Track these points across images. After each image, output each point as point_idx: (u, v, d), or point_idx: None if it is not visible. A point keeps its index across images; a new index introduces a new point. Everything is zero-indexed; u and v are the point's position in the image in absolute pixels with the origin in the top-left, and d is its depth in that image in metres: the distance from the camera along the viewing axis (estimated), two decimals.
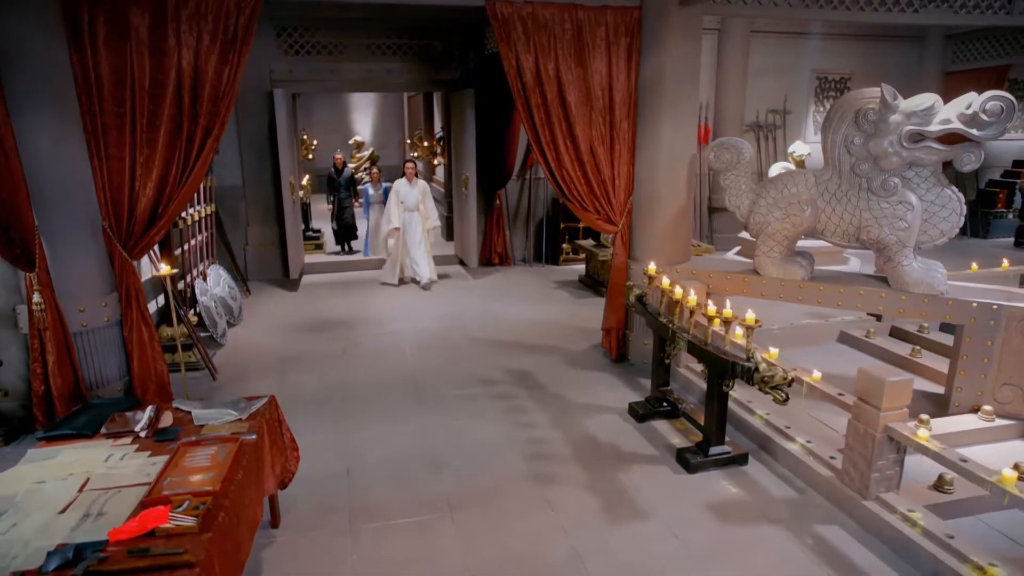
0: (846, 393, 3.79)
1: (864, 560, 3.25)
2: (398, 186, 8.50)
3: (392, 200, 8.50)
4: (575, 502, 3.78)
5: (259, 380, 5.62)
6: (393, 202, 8.49)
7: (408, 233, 8.63)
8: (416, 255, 8.61)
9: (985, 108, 4.19)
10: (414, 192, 8.51)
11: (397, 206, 8.48)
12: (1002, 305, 4.34)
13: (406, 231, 8.61)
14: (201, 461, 2.79)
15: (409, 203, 8.50)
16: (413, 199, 8.50)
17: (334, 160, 10.86)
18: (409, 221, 8.61)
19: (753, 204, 5.12)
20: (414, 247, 8.62)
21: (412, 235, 8.61)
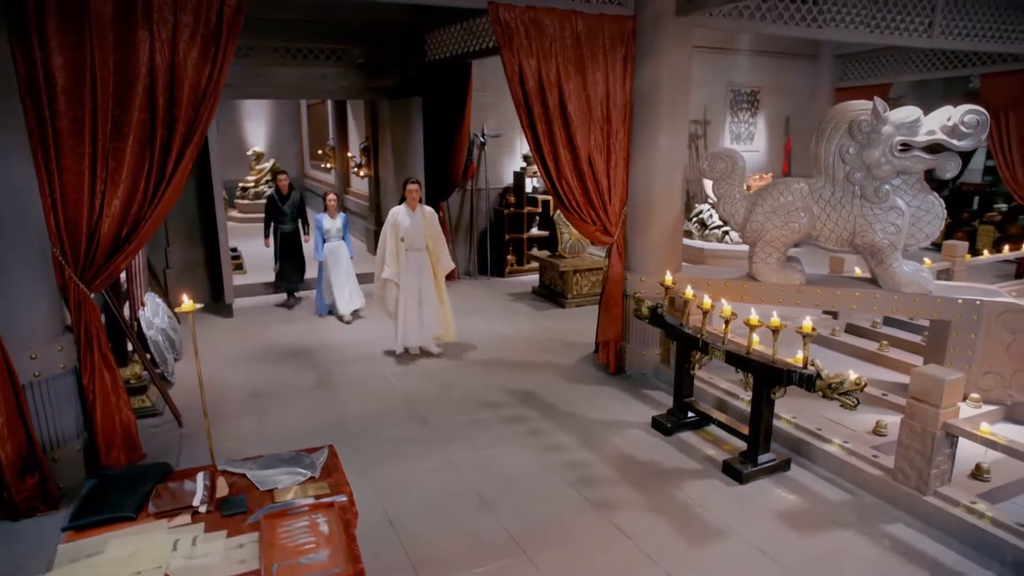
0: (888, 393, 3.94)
1: (943, 555, 3.37)
2: (397, 217, 6.09)
3: (388, 237, 6.08)
4: (646, 526, 3.62)
5: (235, 423, 4.94)
6: (389, 239, 6.07)
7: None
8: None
9: (963, 120, 4.54)
10: (418, 223, 6.09)
11: (396, 244, 6.07)
12: (984, 301, 4.72)
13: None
14: (302, 537, 2.33)
15: (414, 239, 6.07)
16: (420, 233, 6.10)
17: (277, 181, 8.11)
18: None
19: (749, 213, 5.24)
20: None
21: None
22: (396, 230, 6.07)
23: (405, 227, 6.06)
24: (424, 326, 6.24)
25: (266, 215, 8.08)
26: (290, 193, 8.05)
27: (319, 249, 7.49)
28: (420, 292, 6.18)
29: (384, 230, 6.12)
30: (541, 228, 9.74)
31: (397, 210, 6.17)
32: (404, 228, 6.05)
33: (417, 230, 6.09)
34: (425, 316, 6.23)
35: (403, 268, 6.10)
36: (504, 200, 9.54)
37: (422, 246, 6.13)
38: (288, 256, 8.08)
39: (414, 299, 6.17)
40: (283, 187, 7.99)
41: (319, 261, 7.53)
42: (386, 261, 6.09)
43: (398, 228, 6.07)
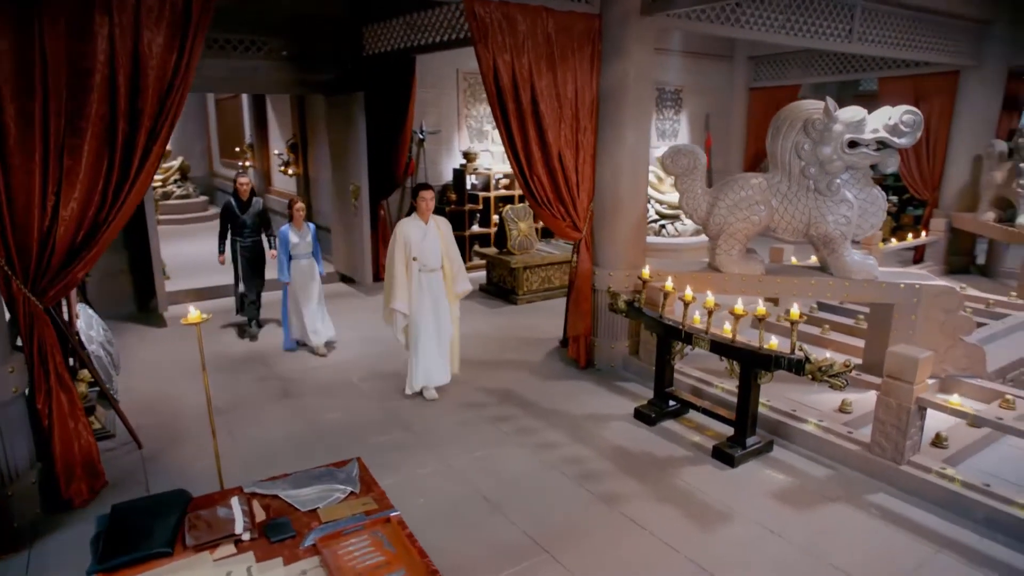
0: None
1: (923, 518, 3.67)
2: (407, 232, 5.00)
3: (396, 257, 4.99)
4: (656, 515, 3.70)
5: (203, 441, 4.56)
6: (398, 260, 4.99)
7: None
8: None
9: (902, 120, 4.94)
10: (432, 238, 5.11)
11: (406, 265, 5.02)
12: (922, 285, 5.18)
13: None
14: (368, 557, 2.20)
15: (429, 257, 5.10)
16: (435, 250, 5.13)
17: (236, 185, 6.66)
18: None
19: (711, 207, 5.46)
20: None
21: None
22: (406, 248, 5.00)
23: (417, 243, 5.02)
24: (442, 358, 5.26)
25: (221, 226, 6.67)
26: (251, 200, 6.65)
27: (284, 269, 6.14)
28: (438, 321, 5.19)
29: (391, 249, 5.07)
30: (482, 225, 9.70)
31: (405, 223, 5.08)
32: (416, 244, 5.02)
33: (432, 246, 5.09)
34: (442, 348, 5.26)
35: (416, 293, 5.07)
36: (445, 197, 9.41)
37: (437, 265, 5.14)
38: (252, 277, 6.70)
39: (431, 330, 5.15)
40: (243, 192, 6.59)
41: (284, 284, 6.25)
42: (394, 288, 5.00)
43: (408, 245, 5.00)
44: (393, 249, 5.06)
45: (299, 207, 6.26)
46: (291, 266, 6.16)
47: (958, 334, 5.22)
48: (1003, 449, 4.44)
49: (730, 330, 4.59)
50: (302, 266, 6.22)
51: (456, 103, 9.46)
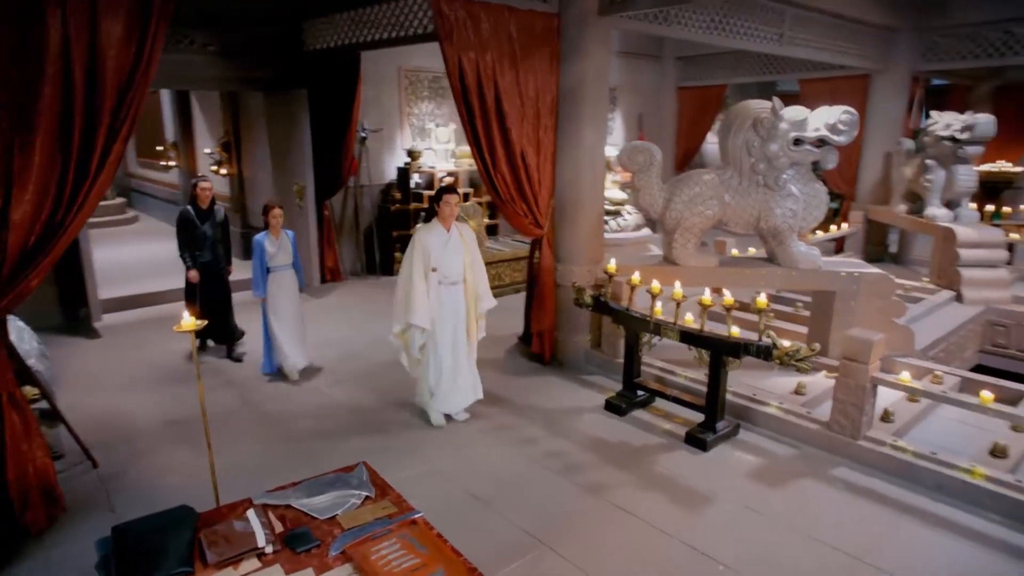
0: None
1: (882, 488, 3.96)
2: (426, 240, 4.54)
3: (414, 267, 4.50)
4: (644, 502, 3.82)
5: (167, 456, 4.35)
6: (416, 270, 4.50)
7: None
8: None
9: (840, 119, 5.29)
10: (455, 247, 4.62)
11: (425, 277, 4.54)
12: (861, 272, 5.57)
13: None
14: (403, 560, 2.17)
15: (451, 268, 4.61)
16: (458, 261, 4.63)
17: (195, 190, 5.87)
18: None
19: (667, 203, 5.66)
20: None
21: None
22: (425, 257, 4.53)
23: (437, 252, 4.53)
24: (460, 386, 4.75)
25: (180, 238, 5.85)
26: (213, 208, 5.91)
27: (260, 283, 5.42)
28: (456, 341, 4.71)
29: (408, 258, 4.57)
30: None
31: (425, 230, 4.61)
32: (436, 254, 4.53)
33: (455, 256, 4.59)
34: (462, 373, 4.74)
35: (436, 309, 4.57)
36: (389, 196, 9.26)
37: (460, 278, 4.65)
38: (209, 298, 5.85)
39: (449, 350, 4.69)
40: (204, 199, 5.80)
41: (260, 299, 5.51)
42: (412, 299, 4.49)
43: (428, 254, 4.52)
44: (411, 258, 4.54)
45: (276, 213, 5.51)
46: (268, 279, 5.48)
47: (892, 317, 5.66)
48: (938, 420, 4.85)
49: (692, 320, 4.79)
50: (281, 279, 5.54)
51: (398, 101, 9.32)
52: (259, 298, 5.53)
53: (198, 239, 5.82)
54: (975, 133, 7.77)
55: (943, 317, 7.10)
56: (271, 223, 5.51)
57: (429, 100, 9.62)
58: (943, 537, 3.53)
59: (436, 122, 9.67)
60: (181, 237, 5.89)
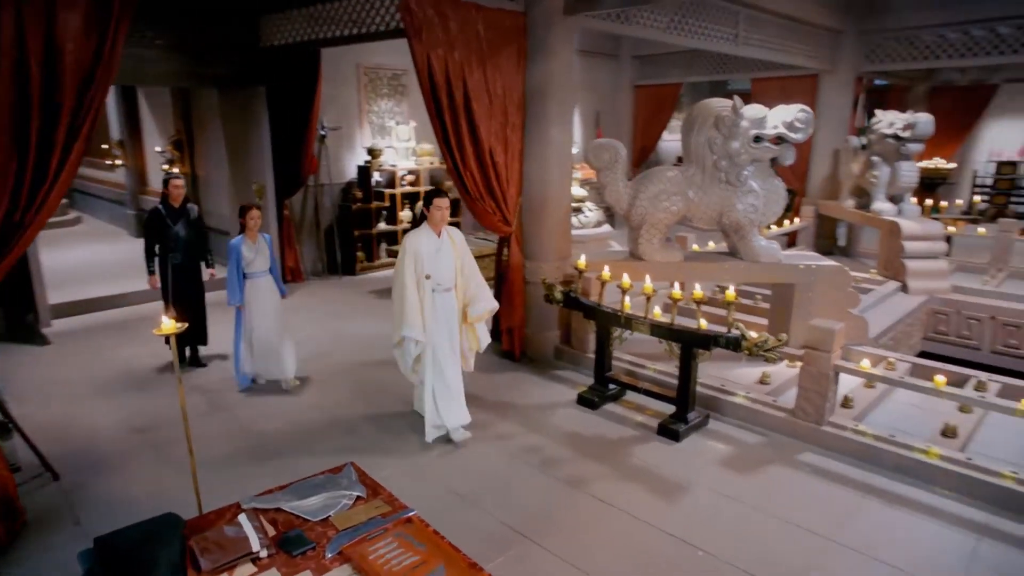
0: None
1: (846, 470, 4.14)
2: (417, 246, 4.31)
3: (406, 274, 4.28)
4: (622, 493, 3.89)
5: (135, 465, 4.21)
6: (408, 278, 4.28)
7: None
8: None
9: (797, 118, 5.48)
10: (447, 253, 4.43)
11: (419, 285, 4.33)
12: (818, 265, 5.79)
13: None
14: (402, 559, 2.16)
15: (443, 274, 4.42)
16: (450, 267, 4.45)
17: (167, 188, 5.56)
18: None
19: (633, 199, 5.76)
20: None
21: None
22: (417, 264, 4.31)
23: (429, 259, 4.33)
24: (459, 399, 4.56)
25: (147, 239, 5.54)
26: (185, 207, 5.60)
27: (236, 290, 5.10)
28: (453, 349, 4.54)
29: (399, 266, 4.34)
30: (389, 223, 9.53)
31: (415, 236, 4.35)
32: (428, 260, 4.32)
33: (446, 262, 4.41)
34: (452, 383, 4.53)
35: (430, 317, 4.38)
36: (350, 195, 9.14)
37: (452, 284, 4.48)
38: (182, 302, 5.42)
39: (449, 359, 4.50)
40: (176, 197, 5.50)
41: (236, 308, 5.21)
42: (405, 310, 4.27)
43: (420, 260, 4.32)
44: (402, 266, 4.30)
45: (254, 215, 5.18)
46: (245, 286, 5.18)
47: (847, 308, 5.90)
48: (893, 404, 5.08)
49: (660, 314, 4.90)
50: (259, 285, 5.23)
51: (357, 98, 9.20)
52: (235, 306, 5.19)
53: (171, 240, 5.49)
54: (916, 131, 8.15)
55: (891, 307, 7.43)
56: (248, 225, 5.15)
57: (388, 98, 9.53)
58: (904, 514, 3.71)
59: (396, 120, 9.58)
60: (151, 238, 5.53)
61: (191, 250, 5.62)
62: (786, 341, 4.25)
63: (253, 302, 5.22)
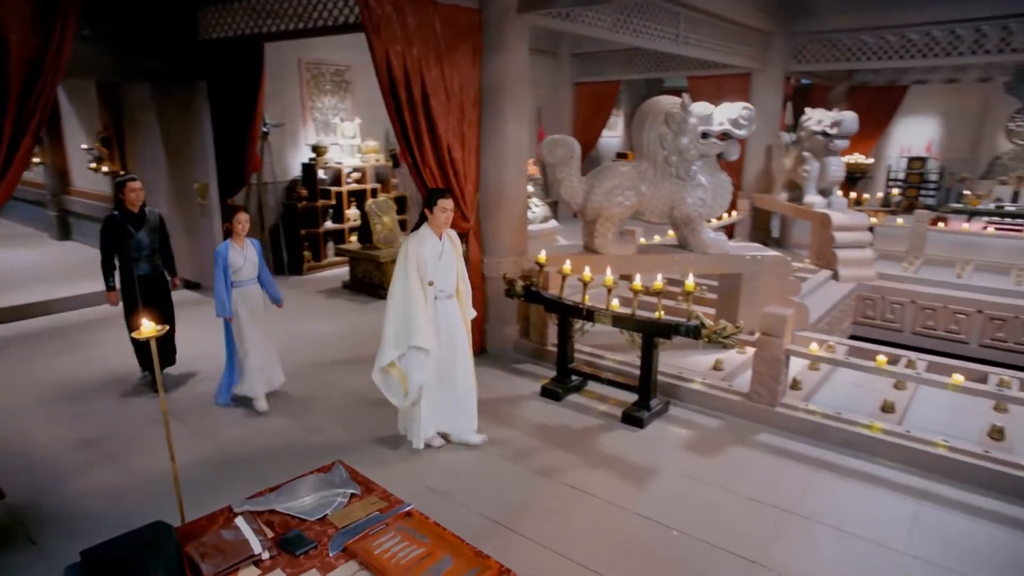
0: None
1: (798, 448, 4.40)
2: (420, 249, 4.06)
3: (410, 280, 4.02)
4: (594, 480, 4.00)
5: (89, 479, 4.01)
6: (413, 283, 4.02)
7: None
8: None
9: (741, 115, 5.75)
10: (449, 257, 4.20)
11: (423, 291, 4.07)
12: (763, 255, 6.09)
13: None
14: (408, 552, 2.18)
15: (445, 279, 4.22)
16: (452, 271, 4.25)
17: (123, 191, 5.02)
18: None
19: (587, 194, 5.89)
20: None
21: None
22: (421, 269, 4.04)
23: (432, 264, 4.08)
24: (461, 406, 4.36)
25: (105, 251, 5.01)
26: (145, 212, 5.11)
27: (225, 301, 4.71)
28: (455, 357, 4.29)
29: (401, 272, 4.05)
30: (335, 221, 9.36)
31: (417, 240, 4.08)
32: (431, 266, 4.08)
33: (449, 266, 4.18)
34: (460, 391, 4.34)
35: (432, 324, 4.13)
36: (295, 193, 8.92)
37: (454, 290, 4.26)
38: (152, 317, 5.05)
39: (455, 368, 4.29)
40: (134, 202, 5.00)
41: (225, 319, 4.81)
42: (414, 319, 4.00)
43: (423, 265, 4.05)
44: (404, 273, 4.03)
45: (242, 219, 4.79)
46: (233, 296, 4.76)
47: (790, 295, 6.23)
48: (835, 385, 5.42)
49: (618, 305, 5.05)
50: (248, 294, 4.83)
51: (299, 94, 8.98)
52: (225, 318, 4.77)
53: (131, 249, 4.99)
54: (842, 128, 8.66)
55: (825, 294, 7.89)
56: (236, 230, 4.75)
57: (332, 94, 9.35)
58: (852, 484, 3.99)
59: (341, 117, 9.41)
60: (109, 249, 5.01)
61: (156, 259, 5.17)
62: (743, 328, 4.46)
63: (242, 314, 4.81)
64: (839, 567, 3.27)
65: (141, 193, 5.08)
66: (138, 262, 5.04)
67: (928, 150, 15.21)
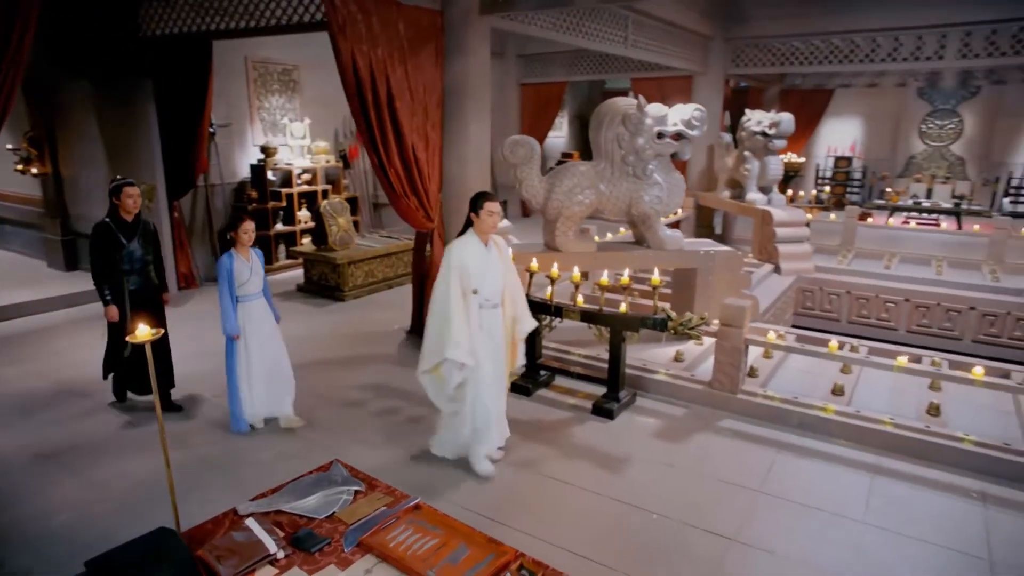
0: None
1: (759, 431, 4.66)
2: (464, 257, 3.82)
3: (451, 289, 3.78)
4: (573, 471, 4.12)
5: (44, 496, 3.82)
6: (454, 293, 3.78)
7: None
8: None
9: (693, 116, 6.01)
10: (495, 264, 3.95)
11: (465, 301, 3.84)
12: (716, 250, 6.37)
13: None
14: (423, 543, 2.23)
15: (492, 289, 3.93)
16: (498, 280, 3.96)
17: (119, 198, 4.56)
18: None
19: (548, 194, 6.02)
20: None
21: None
22: (464, 277, 3.82)
23: (478, 271, 3.83)
24: (499, 423, 4.11)
25: (98, 263, 4.54)
26: (139, 220, 4.68)
27: (231, 316, 4.34)
28: (497, 373, 4.04)
29: (443, 279, 3.84)
30: (286, 223, 9.18)
31: (461, 246, 3.85)
32: (476, 273, 3.83)
33: (495, 275, 3.92)
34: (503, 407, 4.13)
35: (474, 337, 3.87)
36: (245, 195, 8.70)
37: (500, 299, 3.99)
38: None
39: (490, 382, 3.99)
40: (130, 209, 4.57)
41: (230, 338, 4.43)
42: (451, 329, 3.75)
43: (467, 273, 3.83)
44: (447, 280, 3.80)
45: (248, 227, 4.37)
46: (238, 311, 4.39)
47: (741, 288, 6.54)
48: (788, 371, 5.74)
49: (583, 301, 5.20)
50: (253, 309, 4.44)
51: (247, 94, 8.76)
52: (232, 336, 4.39)
53: (125, 261, 4.57)
54: (780, 129, 9.12)
55: (768, 287, 8.30)
56: (241, 240, 4.34)
57: (280, 94, 9.16)
58: (811, 463, 4.26)
59: (289, 117, 9.23)
60: (101, 259, 4.54)
61: (149, 272, 4.74)
62: (708, 319, 4.68)
63: (248, 330, 4.44)
64: (806, 538, 3.50)
65: (139, 200, 4.65)
66: (129, 275, 4.61)
67: (852, 150, 16.16)
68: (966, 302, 8.20)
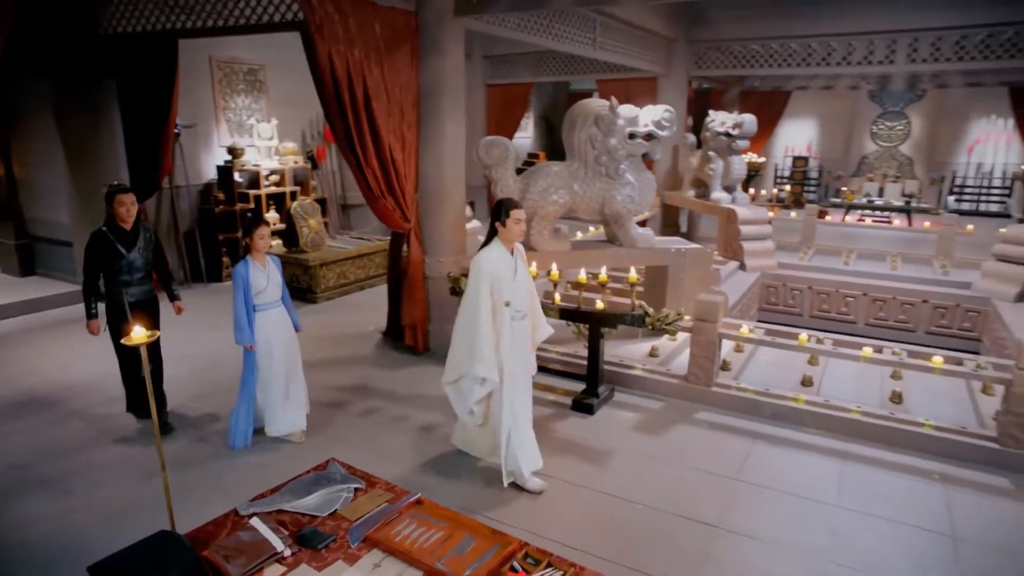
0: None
1: (734, 422, 4.82)
2: (495, 268, 3.70)
3: (482, 302, 3.68)
4: (557, 465, 4.19)
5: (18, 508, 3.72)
6: (484, 306, 3.68)
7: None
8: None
9: (664, 117, 6.16)
10: (523, 274, 3.85)
11: (497, 314, 3.74)
12: (687, 248, 6.54)
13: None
14: (429, 536, 2.27)
15: (521, 299, 3.84)
16: (525, 289, 3.89)
17: (112, 205, 4.26)
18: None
19: (523, 193, 6.10)
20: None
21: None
22: (496, 289, 3.69)
23: (507, 282, 3.70)
24: (531, 439, 3.96)
25: (89, 273, 4.28)
26: (139, 227, 4.41)
27: (246, 327, 4.15)
28: (527, 383, 3.93)
29: (472, 292, 3.71)
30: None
31: (489, 256, 3.71)
32: (507, 284, 3.70)
33: (522, 283, 3.81)
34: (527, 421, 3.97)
35: (508, 350, 3.74)
36: (211, 197, 8.54)
37: (527, 309, 3.90)
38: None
39: (521, 394, 3.87)
40: (127, 217, 4.29)
41: (245, 348, 4.25)
42: (477, 344, 3.65)
43: (499, 285, 3.69)
44: (476, 293, 3.67)
45: (263, 233, 4.18)
46: (255, 321, 4.20)
47: (710, 285, 6.73)
48: (757, 364, 5.92)
49: (560, 299, 5.29)
50: (271, 319, 4.27)
51: (211, 94, 8.60)
52: (246, 346, 4.21)
53: (124, 272, 4.30)
54: (743, 129, 9.38)
55: (735, 283, 8.53)
56: (257, 246, 4.14)
57: (246, 94, 9.03)
58: (784, 451, 4.43)
59: (256, 118, 9.10)
60: (94, 270, 4.28)
61: (150, 283, 4.48)
62: (684, 315, 4.81)
63: (267, 341, 4.25)
64: (785, 522, 3.65)
65: (134, 208, 4.33)
66: (129, 287, 4.33)
67: (808, 150, 16.69)
68: (919, 295, 8.57)
